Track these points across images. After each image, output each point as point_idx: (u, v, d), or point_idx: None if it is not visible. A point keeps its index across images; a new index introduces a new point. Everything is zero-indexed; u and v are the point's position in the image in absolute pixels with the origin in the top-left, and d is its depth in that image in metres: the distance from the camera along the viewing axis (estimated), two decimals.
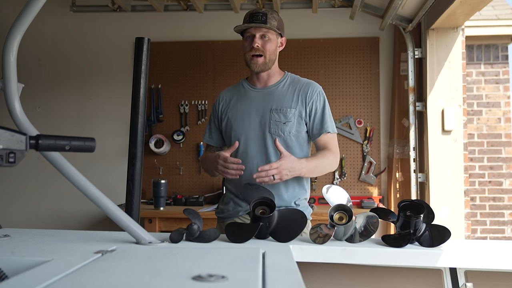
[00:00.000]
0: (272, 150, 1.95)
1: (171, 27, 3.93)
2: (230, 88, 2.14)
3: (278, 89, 2.02)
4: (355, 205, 3.47)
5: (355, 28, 3.78)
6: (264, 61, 1.95)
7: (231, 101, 2.06)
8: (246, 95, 2.04)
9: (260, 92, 2.03)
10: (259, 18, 1.91)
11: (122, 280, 0.86)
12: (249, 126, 1.97)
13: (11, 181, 3.96)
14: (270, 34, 1.94)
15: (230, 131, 2.01)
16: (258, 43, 1.92)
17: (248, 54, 1.95)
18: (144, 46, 1.49)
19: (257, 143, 1.96)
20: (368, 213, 1.44)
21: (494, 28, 4.83)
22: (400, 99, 3.67)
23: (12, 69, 1.23)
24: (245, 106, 2.01)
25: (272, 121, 1.95)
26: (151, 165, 3.84)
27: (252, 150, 1.96)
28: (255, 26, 1.91)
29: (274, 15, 1.96)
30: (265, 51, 1.94)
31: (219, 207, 2.09)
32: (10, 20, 1.26)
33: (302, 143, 1.99)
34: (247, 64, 1.98)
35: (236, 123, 2.00)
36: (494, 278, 1.37)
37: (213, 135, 2.10)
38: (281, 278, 0.91)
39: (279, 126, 1.94)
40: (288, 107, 1.96)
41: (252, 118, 1.98)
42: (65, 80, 3.99)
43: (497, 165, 4.96)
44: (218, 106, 2.09)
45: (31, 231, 1.45)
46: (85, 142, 1.01)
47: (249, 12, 1.96)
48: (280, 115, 1.95)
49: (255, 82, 2.05)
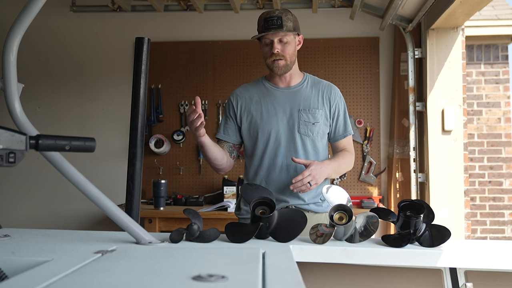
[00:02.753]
0: (301, 149, 1.97)
1: (171, 27, 3.93)
2: (247, 85, 2.10)
3: (302, 89, 2.03)
4: (355, 205, 3.47)
5: (355, 28, 3.78)
6: (286, 63, 1.95)
7: (253, 99, 2.03)
8: (270, 94, 2.03)
9: (284, 91, 2.02)
10: (275, 23, 1.90)
11: (122, 280, 0.86)
12: (277, 125, 1.97)
13: (11, 181, 3.96)
14: (288, 37, 1.94)
15: (256, 130, 2.00)
16: (278, 48, 1.92)
17: (269, 60, 1.95)
18: (144, 46, 1.49)
19: (287, 143, 1.97)
20: (368, 213, 1.44)
21: (494, 28, 4.83)
22: (400, 99, 3.67)
23: (12, 69, 1.23)
24: (271, 105, 2.00)
25: (302, 121, 1.96)
26: (151, 165, 3.84)
27: (282, 149, 1.97)
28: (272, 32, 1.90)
29: (289, 16, 1.94)
30: (285, 54, 1.94)
31: (242, 208, 2.04)
32: (10, 20, 1.26)
33: (325, 143, 2.06)
34: (269, 68, 1.98)
35: (263, 121, 1.98)
36: (494, 278, 1.37)
37: (229, 130, 2.06)
38: (281, 278, 0.91)
39: (308, 126, 1.96)
40: (316, 108, 1.99)
41: (280, 117, 1.98)
42: (65, 80, 3.99)
43: (497, 165, 4.96)
44: (237, 104, 2.05)
45: (31, 231, 1.45)
46: (85, 142, 1.01)
47: (263, 17, 1.94)
48: (309, 116, 1.97)
49: (277, 82, 2.04)
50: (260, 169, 1.99)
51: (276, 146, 1.97)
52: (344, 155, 2.04)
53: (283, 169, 1.95)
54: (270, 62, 1.95)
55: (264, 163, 1.98)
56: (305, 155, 1.97)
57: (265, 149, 1.98)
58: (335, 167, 1.96)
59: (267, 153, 1.98)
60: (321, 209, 2.00)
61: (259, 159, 1.99)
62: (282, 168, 1.95)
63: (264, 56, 1.98)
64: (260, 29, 1.96)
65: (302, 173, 1.81)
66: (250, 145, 2.04)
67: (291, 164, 1.96)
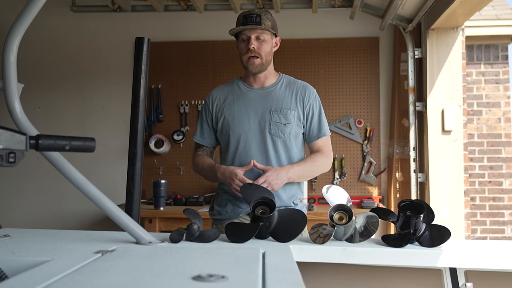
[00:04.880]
0: (272, 150, 1.96)
1: (171, 27, 3.93)
2: (222, 86, 2.11)
3: (276, 90, 2.02)
4: (355, 205, 3.47)
5: (355, 28, 3.78)
6: (261, 62, 1.95)
7: (226, 100, 2.03)
8: (243, 95, 2.03)
9: (257, 92, 2.02)
10: (254, 20, 1.91)
11: (122, 280, 0.86)
12: (248, 126, 1.97)
13: (11, 181, 3.96)
14: (265, 35, 1.95)
15: (227, 131, 2.00)
16: (254, 45, 1.93)
17: (245, 56, 1.96)
18: (144, 46, 1.49)
19: (257, 144, 1.97)
20: (368, 213, 1.44)
21: (494, 28, 4.82)
22: (400, 99, 3.67)
23: (12, 69, 1.23)
24: (243, 106, 2.00)
25: (273, 122, 1.96)
26: (151, 165, 3.84)
27: (252, 151, 1.96)
28: (250, 28, 1.91)
29: (268, 15, 1.96)
30: (261, 52, 1.94)
31: (215, 209, 2.07)
32: (10, 20, 1.26)
33: (299, 144, 2.03)
34: (244, 66, 1.99)
35: (234, 123, 1.99)
36: (494, 278, 1.37)
37: (205, 134, 2.08)
38: (281, 278, 0.90)
39: (279, 127, 1.95)
40: (288, 109, 1.98)
41: (251, 118, 1.98)
42: (65, 80, 3.99)
43: (497, 165, 4.96)
44: (212, 105, 2.06)
45: (31, 231, 1.45)
46: (85, 142, 1.01)
47: (243, 14, 1.95)
48: (281, 116, 1.96)
49: (251, 83, 2.04)
50: None
51: (246, 147, 1.97)
52: (314, 157, 1.99)
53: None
54: (246, 59, 1.95)
55: (235, 163, 1.98)
56: (276, 156, 1.96)
57: (235, 150, 1.98)
58: (299, 171, 1.92)
59: (238, 154, 1.97)
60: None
61: (231, 160, 2.00)
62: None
63: (240, 53, 1.98)
64: (238, 25, 1.96)
65: (257, 180, 1.82)
66: (223, 146, 2.05)
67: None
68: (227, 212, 2.00)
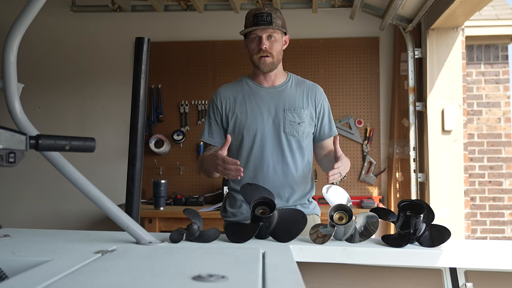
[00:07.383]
0: (287, 150, 1.95)
1: (171, 27, 3.93)
2: (229, 85, 2.07)
3: (287, 89, 2.01)
4: (355, 205, 3.47)
5: (355, 28, 3.78)
6: (272, 61, 1.94)
7: (237, 99, 2.00)
8: (254, 93, 2.00)
9: (269, 91, 2.00)
10: (265, 19, 1.89)
11: (122, 280, 0.86)
12: (263, 125, 1.95)
13: (11, 181, 3.96)
14: (276, 34, 1.93)
15: (241, 130, 1.97)
16: (266, 45, 1.91)
17: (256, 56, 1.94)
18: (144, 46, 1.49)
19: (272, 143, 1.95)
20: (368, 213, 1.44)
21: (494, 28, 4.82)
22: (400, 99, 3.67)
23: (12, 69, 1.23)
24: (255, 104, 1.98)
25: (287, 121, 1.95)
26: (151, 165, 3.84)
27: (267, 150, 1.95)
28: (262, 28, 1.90)
29: (278, 14, 1.95)
30: (272, 52, 1.93)
31: (228, 211, 2.02)
32: (10, 20, 1.26)
33: (310, 143, 2.03)
34: (255, 65, 1.97)
35: (248, 121, 1.96)
36: (494, 278, 1.37)
37: (214, 134, 2.03)
38: (281, 278, 0.91)
39: (293, 126, 1.95)
40: (301, 108, 1.97)
41: (265, 117, 1.96)
42: (65, 80, 3.99)
43: (497, 165, 4.96)
44: (221, 104, 2.01)
45: (31, 231, 1.45)
46: (85, 142, 1.01)
47: (253, 13, 1.93)
48: (294, 115, 1.96)
49: (261, 81, 2.02)
50: (246, 169, 1.94)
51: (262, 146, 1.95)
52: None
53: (270, 169, 1.92)
54: (257, 58, 1.93)
55: (250, 163, 1.95)
56: (291, 155, 1.95)
57: (251, 150, 1.95)
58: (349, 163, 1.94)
59: (253, 153, 1.95)
60: (308, 211, 1.98)
61: (245, 159, 1.96)
62: (269, 168, 1.92)
63: (250, 53, 1.96)
64: (248, 24, 1.94)
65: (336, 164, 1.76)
66: (235, 146, 1.99)
67: (277, 164, 1.94)
68: (243, 214, 1.97)
